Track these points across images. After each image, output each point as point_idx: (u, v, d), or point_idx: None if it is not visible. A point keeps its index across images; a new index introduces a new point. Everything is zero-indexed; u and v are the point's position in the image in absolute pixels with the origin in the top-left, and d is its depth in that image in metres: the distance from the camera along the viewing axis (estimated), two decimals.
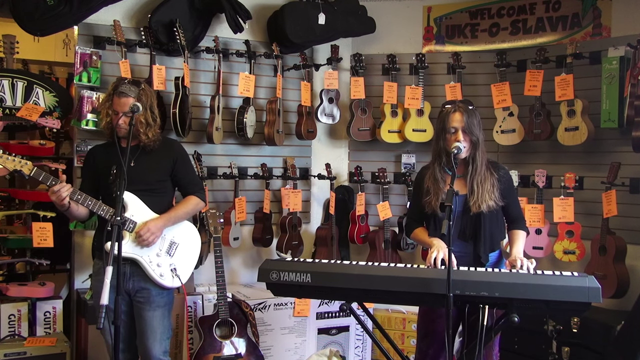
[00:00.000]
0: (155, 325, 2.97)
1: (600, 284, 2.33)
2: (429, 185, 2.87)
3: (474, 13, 4.70)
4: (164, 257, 3.00)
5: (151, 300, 2.97)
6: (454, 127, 2.77)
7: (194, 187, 3.14)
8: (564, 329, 3.68)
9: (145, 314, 2.96)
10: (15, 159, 2.76)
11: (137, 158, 2.98)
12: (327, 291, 2.65)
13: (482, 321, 2.41)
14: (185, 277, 3.07)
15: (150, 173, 3.01)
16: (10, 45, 3.86)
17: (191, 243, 3.15)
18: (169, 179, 3.09)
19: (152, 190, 3.01)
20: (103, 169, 2.97)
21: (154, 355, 2.96)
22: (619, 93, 3.87)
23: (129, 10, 4.10)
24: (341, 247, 4.71)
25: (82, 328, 3.81)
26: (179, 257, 3.06)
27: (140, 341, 2.98)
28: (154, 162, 3.02)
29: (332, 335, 4.23)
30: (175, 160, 3.08)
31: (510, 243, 2.88)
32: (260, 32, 4.58)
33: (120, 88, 2.92)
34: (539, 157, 4.39)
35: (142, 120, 2.91)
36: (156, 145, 3.02)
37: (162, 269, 2.98)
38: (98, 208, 2.86)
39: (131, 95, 2.90)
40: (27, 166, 2.76)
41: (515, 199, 2.99)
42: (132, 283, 2.94)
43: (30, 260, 3.89)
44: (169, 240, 3.04)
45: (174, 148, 3.13)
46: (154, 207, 3.00)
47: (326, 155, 4.85)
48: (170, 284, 3.00)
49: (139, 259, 2.93)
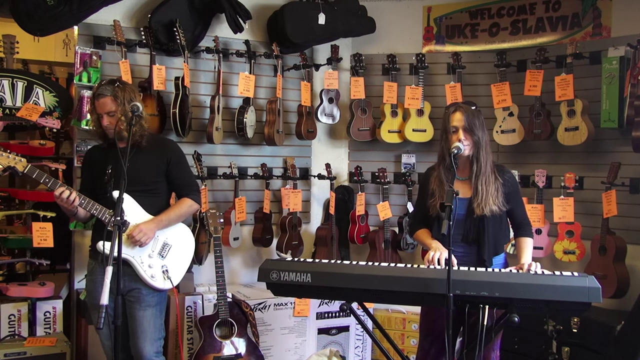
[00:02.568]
0: (146, 325, 2.95)
1: (600, 284, 2.33)
2: (434, 188, 2.87)
3: (474, 13, 4.70)
4: (155, 259, 2.99)
5: (141, 300, 2.95)
6: (454, 127, 2.78)
7: (188, 188, 3.10)
8: (564, 329, 3.68)
9: (136, 313, 2.95)
10: (10, 156, 2.74)
11: (132, 158, 2.90)
12: (327, 291, 2.65)
13: (482, 321, 2.41)
14: (177, 279, 3.05)
15: (144, 173, 2.98)
16: (10, 45, 3.86)
17: (184, 245, 3.13)
18: (163, 179, 3.05)
19: (147, 191, 2.99)
20: (99, 169, 2.95)
21: (145, 355, 2.95)
22: (619, 93, 3.87)
23: (129, 10, 4.10)
24: (341, 247, 4.71)
25: (82, 328, 3.81)
26: (172, 259, 3.04)
27: (132, 341, 2.97)
28: (147, 163, 2.99)
29: (332, 335, 4.23)
30: (169, 160, 3.04)
31: (518, 252, 2.87)
32: (260, 32, 4.58)
33: (97, 90, 2.91)
34: (539, 157, 4.39)
35: (121, 118, 2.86)
36: (148, 143, 2.99)
37: (154, 270, 2.97)
38: (102, 214, 2.86)
39: (107, 94, 2.87)
40: (22, 163, 2.75)
41: (521, 203, 2.97)
42: (123, 283, 2.89)
43: (30, 260, 3.89)
44: (162, 241, 3.02)
45: (168, 148, 3.09)
46: (148, 208, 2.98)
47: (326, 155, 4.85)
48: (161, 285, 2.98)
49: (131, 259, 2.91)
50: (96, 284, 2.89)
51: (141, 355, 2.95)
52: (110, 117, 2.88)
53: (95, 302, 2.89)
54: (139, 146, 2.95)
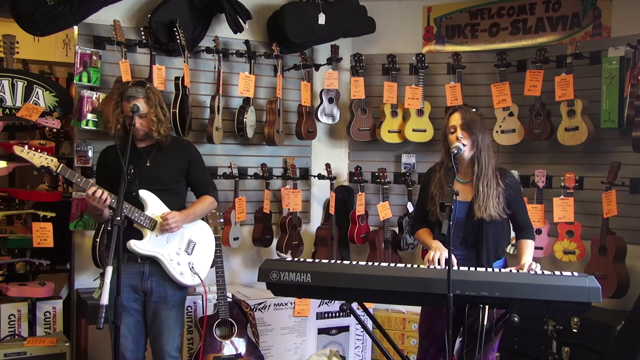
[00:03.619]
0: (171, 323, 3.03)
1: (600, 284, 2.33)
2: (434, 192, 2.86)
3: (474, 13, 4.70)
4: (183, 256, 3.05)
5: (168, 300, 3.02)
6: (453, 126, 2.78)
7: (207, 186, 3.21)
8: (564, 329, 3.69)
9: (162, 312, 3.00)
10: (42, 156, 2.76)
11: (152, 158, 3.03)
12: (327, 291, 2.65)
13: (482, 321, 2.41)
14: (203, 275, 3.13)
15: (165, 173, 3.06)
16: (10, 45, 3.86)
17: (207, 242, 3.23)
18: (183, 179, 3.14)
19: (167, 189, 3.06)
20: (118, 170, 2.97)
21: (167, 351, 3.01)
22: (619, 93, 3.87)
23: (129, 10, 4.10)
24: (341, 247, 4.71)
25: (82, 328, 3.80)
26: (197, 256, 3.12)
27: (156, 339, 3.02)
28: (168, 162, 3.07)
29: (332, 335, 4.23)
30: (190, 161, 3.14)
31: (519, 253, 2.87)
32: (260, 32, 4.58)
33: (127, 92, 2.95)
34: (539, 157, 4.39)
35: (153, 118, 2.96)
36: (169, 142, 3.07)
37: (182, 267, 3.03)
38: (131, 213, 2.89)
39: (140, 97, 2.94)
40: (54, 162, 2.78)
41: (523, 207, 2.95)
42: (150, 282, 2.98)
43: (30, 260, 3.89)
44: (187, 238, 3.09)
45: (189, 150, 3.20)
46: (169, 206, 3.04)
47: (326, 155, 4.85)
48: (190, 282, 3.06)
49: (160, 257, 2.97)
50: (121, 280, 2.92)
51: (164, 352, 3.01)
52: (142, 119, 2.95)
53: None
54: (160, 146, 3.04)
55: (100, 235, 3.74)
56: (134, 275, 2.95)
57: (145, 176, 2.97)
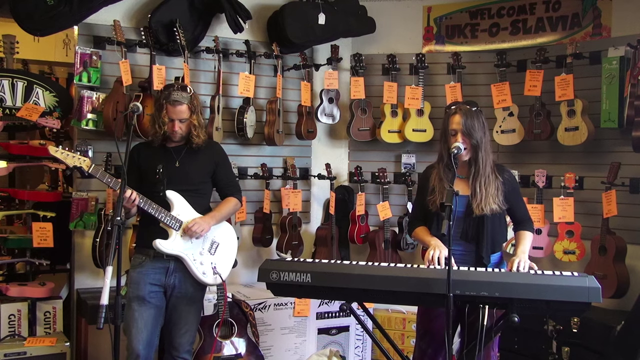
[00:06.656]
0: (190, 319, 3.09)
1: (600, 284, 2.34)
2: (434, 184, 2.87)
3: (474, 13, 4.70)
4: (206, 256, 3.09)
5: (189, 296, 3.07)
6: (453, 130, 2.78)
7: (233, 188, 3.25)
8: (564, 329, 3.69)
9: (182, 307, 3.06)
10: (75, 156, 2.79)
11: (182, 159, 3.06)
12: (327, 291, 2.65)
13: (482, 321, 2.41)
14: (225, 275, 3.16)
15: (194, 174, 3.09)
16: (10, 45, 3.86)
17: (230, 242, 3.26)
18: (209, 180, 3.18)
19: (195, 190, 3.09)
20: (148, 168, 3.04)
21: (183, 345, 3.07)
22: (619, 93, 3.86)
23: (129, 10, 4.10)
24: (341, 247, 4.70)
25: (82, 328, 3.81)
26: (219, 256, 3.15)
27: (173, 332, 3.07)
28: (197, 163, 3.10)
29: (332, 335, 4.23)
30: (217, 162, 3.17)
31: (516, 243, 2.88)
32: (260, 32, 4.58)
33: (172, 96, 2.98)
34: (539, 157, 4.39)
35: (195, 124, 3.02)
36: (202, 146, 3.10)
37: (205, 267, 3.07)
38: (159, 213, 2.93)
39: (185, 102, 2.98)
40: (86, 163, 2.81)
41: (521, 201, 2.98)
42: (174, 279, 3.03)
43: (30, 260, 3.89)
44: (211, 239, 3.13)
45: (216, 150, 3.23)
46: (195, 207, 3.07)
47: (326, 155, 4.85)
48: (211, 281, 3.11)
49: (184, 256, 3.01)
50: (144, 276, 3.00)
51: (179, 346, 3.07)
52: (182, 124, 2.99)
53: (138, 292, 2.98)
54: (191, 147, 3.07)
55: (100, 235, 3.75)
56: (159, 270, 3.01)
57: (173, 176, 3.00)
